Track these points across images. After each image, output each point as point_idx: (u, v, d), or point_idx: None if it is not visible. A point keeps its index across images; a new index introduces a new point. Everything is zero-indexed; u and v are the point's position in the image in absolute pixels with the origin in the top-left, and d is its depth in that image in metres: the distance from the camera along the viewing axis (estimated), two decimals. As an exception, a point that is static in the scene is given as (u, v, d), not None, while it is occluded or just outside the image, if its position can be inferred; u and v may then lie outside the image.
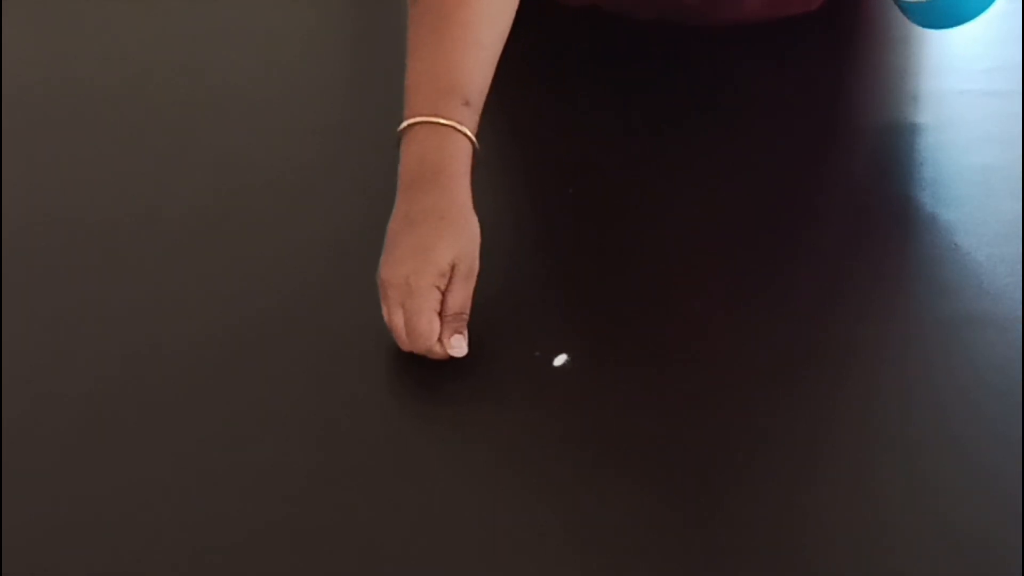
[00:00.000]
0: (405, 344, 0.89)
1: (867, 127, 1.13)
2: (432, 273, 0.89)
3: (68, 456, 0.84)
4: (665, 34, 1.18)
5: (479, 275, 0.90)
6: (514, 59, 1.09)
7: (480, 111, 0.95)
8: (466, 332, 0.89)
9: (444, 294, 0.89)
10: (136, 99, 1.24)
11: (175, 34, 1.37)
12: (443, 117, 0.93)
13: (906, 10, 1.10)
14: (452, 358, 0.88)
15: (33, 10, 1.43)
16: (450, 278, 0.89)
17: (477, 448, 0.83)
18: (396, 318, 0.89)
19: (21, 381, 0.89)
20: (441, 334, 0.88)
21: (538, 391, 0.87)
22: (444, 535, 0.77)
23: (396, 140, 0.95)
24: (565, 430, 0.84)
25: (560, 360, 0.88)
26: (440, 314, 0.89)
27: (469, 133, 0.94)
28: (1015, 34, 1.22)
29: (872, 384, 0.87)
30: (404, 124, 0.95)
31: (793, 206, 1.07)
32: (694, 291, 0.95)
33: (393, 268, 0.90)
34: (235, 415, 0.86)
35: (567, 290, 0.95)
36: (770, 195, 1.07)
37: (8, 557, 0.76)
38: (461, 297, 0.90)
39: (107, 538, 0.78)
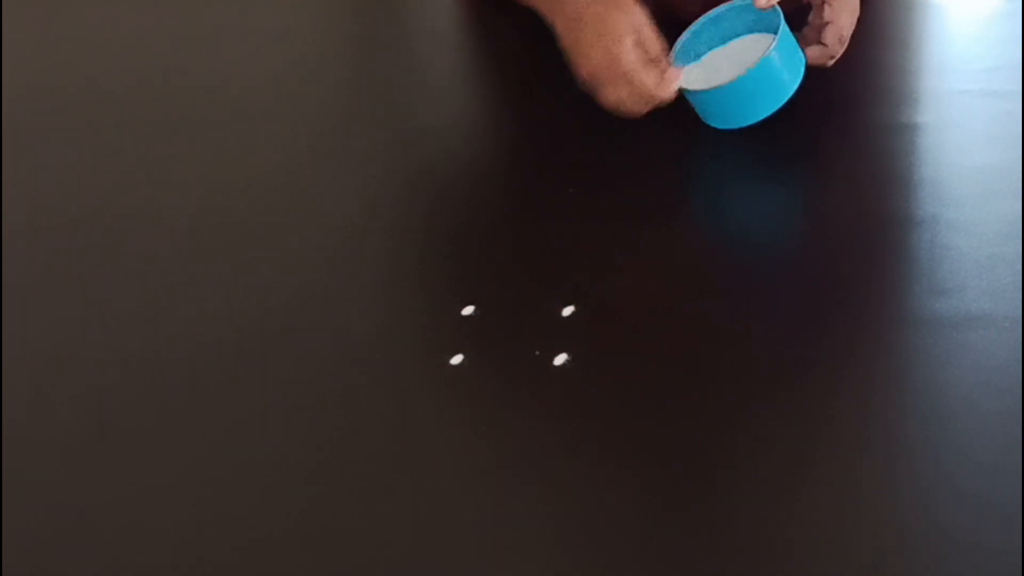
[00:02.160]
0: (637, 109, 1.01)
1: (867, 127, 1.13)
2: (626, 46, 0.98)
3: (67, 457, 0.84)
4: (663, 34, 1.18)
5: (478, 276, 0.90)
6: (515, 63, 1.10)
7: None
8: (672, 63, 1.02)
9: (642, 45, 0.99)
10: (136, 99, 1.24)
11: (175, 34, 1.37)
12: None
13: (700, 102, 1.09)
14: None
15: (33, 10, 1.42)
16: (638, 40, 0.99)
17: (477, 448, 0.83)
18: (624, 97, 1.00)
19: (22, 382, 0.89)
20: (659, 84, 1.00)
21: (538, 391, 0.87)
22: (444, 535, 0.77)
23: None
24: (565, 430, 0.84)
25: (560, 360, 0.88)
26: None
27: None
28: (1015, 34, 1.22)
29: (871, 384, 0.87)
30: None
31: (793, 206, 1.07)
32: (694, 291, 0.95)
33: (591, 59, 0.99)
34: (235, 415, 0.86)
35: (567, 290, 0.94)
36: (770, 195, 1.07)
37: (8, 557, 0.76)
38: (655, 43, 1.00)
39: (107, 540, 0.78)
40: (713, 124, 1.08)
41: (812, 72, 1.08)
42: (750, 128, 1.06)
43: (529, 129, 1.06)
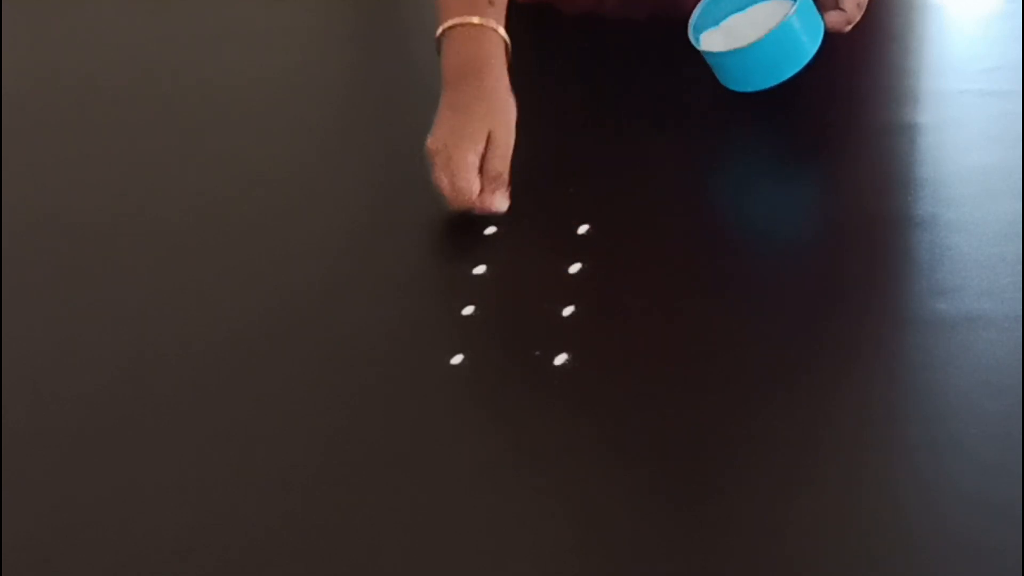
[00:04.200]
0: (452, 201, 1.01)
1: (867, 127, 1.13)
2: (468, 141, 1.01)
3: (67, 457, 0.84)
4: (662, 33, 1.18)
5: (478, 276, 0.90)
6: (515, 66, 1.10)
7: (504, 11, 1.08)
8: (507, 192, 1.02)
9: (483, 161, 1.01)
10: (136, 99, 1.25)
11: (175, 34, 1.37)
12: (476, 16, 1.06)
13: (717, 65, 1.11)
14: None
15: (33, 10, 1.43)
16: (487, 146, 1.01)
17: (477, 448, 0.83)
18: (443, 179, 1.01)
19: (22, 382, 0.89)
20: (482, 193, 1.01)
21: (538, 391, 0.87)
22: (444, 535, 0.77)
23: (436, 48, 1.08)
24: (565, 430, 0.84)
25: (560, 360, 0.88)
26: (480, 176, 1.01)
27: (500, 30, 1.07)
28: (1015, 34, 1.22)
29: (871, 384, 0.87)
30: (441, 29, 1.07)
31: (793, 206, 1.07)
32: (694, 291, 0.95)
33: (436, 140, 1.02)
34: (235, 415, 0.86)
35: (567, 289, 0.94)
36: (770, 195, 1.07)
37: (8, 557, 0.76)
38: (498, 162, 1.02)
39: (107, 539, 0.78)
40: (733, 87, 1.10)
41: (812, 71, 1.09)
42: (743, 125, 1.06)
43: (530, 128, 1.06)
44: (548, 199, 1.04)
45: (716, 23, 1.12)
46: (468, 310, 0.93)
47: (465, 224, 1.02)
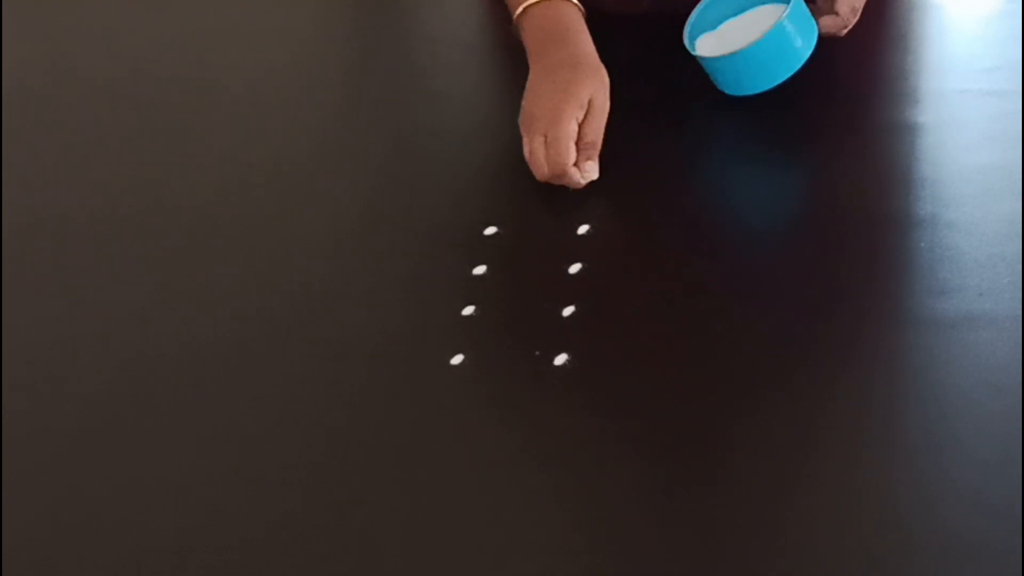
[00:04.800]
0: (543, 170, 1.02)
1: (867, 127, 1.13)
2: (573, 105, 1.02)
3: (66, 456, 0.84)
4: (660, 34, 1.18)
5: (478, 277, 0.90)
6: (516, 64, 1.10)
7: None
8: (597, 160, 1.03)
9: (581, 126, 1.02)
10: (136, 99, 1.25)
11: (175, 34, 1.37)
12: None
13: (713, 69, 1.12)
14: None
15: (33, 9, 1.43)
16: (587, 111, 1.03)
17: (477, 448, 0.83)
18: (537, 147, 1.02)
19: (22, 381, 0.89)
20: (577, 160, 1.02)
21: (538, 391, 0.87)
22: (444, 535, 0.77)
23: (515, 30, 1.11)
24: (565, 429, 0.84)
25: (560, 360, 0.88)
26: (576, 144, 1.02)
27: (576, 1, 1.10)
28: (1015, 34, 1.22)
29: (871, 384, 0.87)
30: (519, 10, 1.10)
31: (793, 205, 1.07)
32: (694, 291, 0.95)
33: (538, 102, 1.03)
34: (235, 415, 0.86)
35: (567, 289, 0.94)
36: (770, 194, 1.07)
37: (8, 557, 0.76)
38: (595, 128, 1.03)
39: (107, 538, 0.78)
40: (728, 91, 1.11)
41: (812, 71, 1.09)
42: (743, 125, 1.06)
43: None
44: (548, 199, 1.04)
45: (712, 27, 1.13)
46: (468, 310, 0.93)
47: (465, 224, 1.02)
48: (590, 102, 1.03)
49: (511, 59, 1.13)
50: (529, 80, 1.06)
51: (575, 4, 1.10)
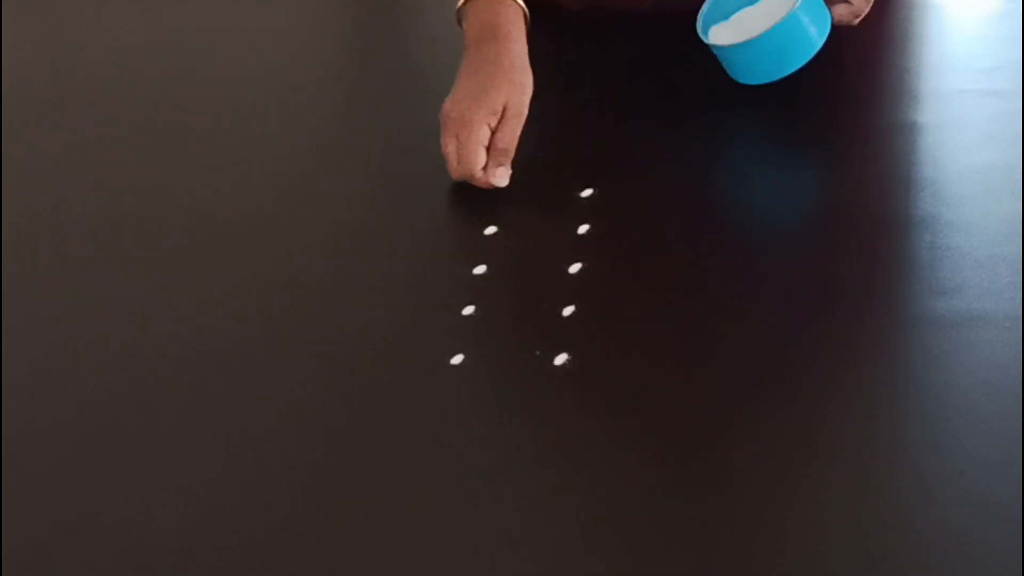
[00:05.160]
0: (455, 171, 1.03)
1: (868, 126, 1.13)
2: (485, 111, 1.03)
3: (66, 456, 0.84)
4: (663, 29, 1.18)
5: (478, 276, 0.90)
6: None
7: None
8: (509, 167, 1.03)
9: (494, 132, 1.03)
10: (135, 99, 1.25)
11: (175, 34, 1.37)
12: None
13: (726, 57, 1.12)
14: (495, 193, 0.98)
15: (33, 10, 1.43)
16: (500, 117, 1.04)
17: (477, 448, 0.83)
18: (450, 146, 1.03)
19: (22, 380, 0.89)
20: (487, 165, 1.03)
21: (538, 391, 0.87)
22: (444, 535, 0.77)
23: (457, 18, 1.12)
24: (565, 430, 0.84)
25: (560, 360, 0.88)
26: (488, 149, 1.03)
27: (519, 1, 1.11)
28: (1015, 34, 1.22)
29: (871, 384, 0.87)
30: (461, 2, 1.11)
31: (793, 205, 1.07)
32: (694, 290, 0.95)
33: (453, 104, 1.04)
34: (234, 415, 0.86)
35: (567, 289, 0.94)
36: (770, 194, 1.07)
37: (8, 557, 0.76)
38: (508, 135, 1.04)
39: (107, 538, 0.78)
40: (742, 80, 1.11)
41: (812, 71, 1.09)
42: (743, 125, 1.06)
43: (530, 127, 1.06)
44: (548, 199, 1.04)
45: (725, 17, 1.13)
46: (468, 310, 0.93)
47: (465, 224, 1.02)
48: (505, 108, 1.04)
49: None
50: (457, 75, 1.07)
51: (518, 4, 1.11)
